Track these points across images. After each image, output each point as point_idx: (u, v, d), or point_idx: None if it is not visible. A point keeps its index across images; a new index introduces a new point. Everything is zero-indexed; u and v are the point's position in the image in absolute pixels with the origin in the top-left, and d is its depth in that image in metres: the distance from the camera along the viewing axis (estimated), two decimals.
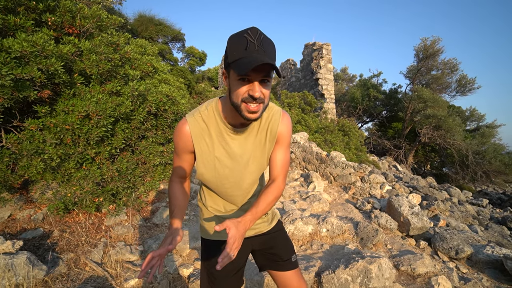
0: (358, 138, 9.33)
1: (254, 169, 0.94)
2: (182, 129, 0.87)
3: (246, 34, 0.71)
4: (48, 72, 2.08)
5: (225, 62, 0.77)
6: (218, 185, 0.93)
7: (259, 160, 0.94)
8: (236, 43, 0.72)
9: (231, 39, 0.74)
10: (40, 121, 2.15)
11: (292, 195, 3.77)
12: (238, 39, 0.72)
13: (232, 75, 0.75)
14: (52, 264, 1.76)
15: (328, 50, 11.45)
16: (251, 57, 0.70)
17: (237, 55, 0.72)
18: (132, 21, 12.95)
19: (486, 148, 11.05)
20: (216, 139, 0.87)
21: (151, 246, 2.22)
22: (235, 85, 0.74)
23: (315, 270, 1.95)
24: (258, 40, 0.71)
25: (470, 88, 14.06)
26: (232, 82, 0.76)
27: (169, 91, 3.03)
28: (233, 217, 0.97)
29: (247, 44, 0.71)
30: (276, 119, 0.92)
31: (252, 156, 0.92)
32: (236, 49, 0.72)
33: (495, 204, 9.18)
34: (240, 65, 0.70)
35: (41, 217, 2.23)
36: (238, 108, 0.76)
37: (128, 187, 2.60)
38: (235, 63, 0.72)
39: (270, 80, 0.76)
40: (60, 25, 2.51)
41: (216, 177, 0.91)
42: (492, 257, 2.41)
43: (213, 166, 0.89)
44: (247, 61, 0.69)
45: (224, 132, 0.87)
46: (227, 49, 0.75)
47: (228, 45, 0.74)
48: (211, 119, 0.87)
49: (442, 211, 4.33)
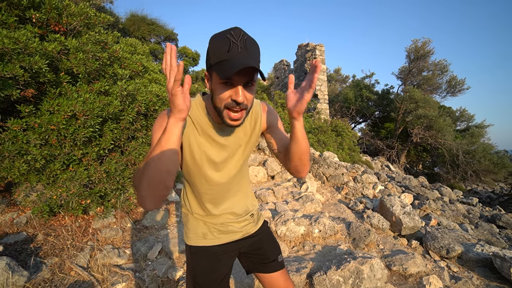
0: (351, 139, 9.39)
1: (238, 160, 0.91)
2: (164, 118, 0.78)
3: (229, 34, 0.68)
4: (32, 71, 2.01)
5: (207, 64, 0.74)
6: (203, 181, 0.89)
7: (243, 152, 0.92)
8: (218, 44, 0.69)
9: (213, 39, 0.70)
10: (24, 121, 2.08)
11: (285, 195, 3.75)
12: (220, 40, 0.69)
13: (215, 78, 0.71)
14: (34, 270, 1.69)
15: (321, 51, 11.52)
16: (235, 59, 0.67)
17: (219, 57, 0.69)
18: (124, 21, 12.78)
19: (476, 148, 11.26)
20: (201, 131, 0.84)
21: (139, 249, 2.17)
22: (218, 88, 0.71)
23: (307, 271, 1.93)
24: (242, 41, 0.68)
25: (460, 89, 14.34)
26: (214, 85, 0.72)
27: (159, 91, 2.98)
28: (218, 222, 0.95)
29: (230, 46, 0.67)
30: (258, 112, 0.92)
31: (236, 149, 0.90)
32: (218, 51, 0.69)
33: (485, 203, 9.37)
34: (223, 68, 0.67)
35: (24, 220, 2.15)
36: (221, 113, 0.74)
37: (116, 188, 2.53)
38: (218, 66, 0.69)
39: (255, 84, 0.74)
40: (46, 22, 2.44)
41: (201, 171, 0.87)
42: (482, 256, 2.44)
43: (199, 158, 0.85)
44: (230, 64, 0.66)
45: (208, 126, 0.84)
46: (209, 50, 0.71)
47: (210, 46, 0.71)
48: (196, 113, 0.83)
49: (434, 210, 4.37)
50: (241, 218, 1.00)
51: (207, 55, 0.73)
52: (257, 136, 0.93)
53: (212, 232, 0.95)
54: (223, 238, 0.97)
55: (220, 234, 0.96)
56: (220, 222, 0.96)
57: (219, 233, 0.96)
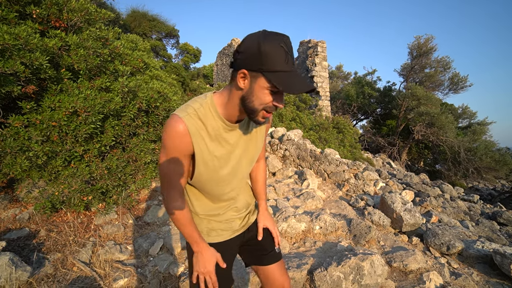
0: (352, 136, 9.37)
1: (247, 163, 0.94)
2: (177, 128, 0.77)
3: (282, 44, 0.69)
4: (33, 67, 2.00)
5: (253, 64, 0.70)
6: (214, 184, 0.90)
7: (252, 154, 0.94)
8: (273, 50, 0.68)
9: (268, 41, 0.68)
10: (25, 118, 2.08)
11: (286, 192, 3.75)
12: (275, 47, 0.68)
13: (262, 82, 0.71)
14: (37, 265, 1.71)
15: (323, 47, 11.44)
16: (293, 75, 0.70)
17: (278, 66, 0.69)
18: (125, 17, 12.72)
19: (478, 145, 11.22)
20: (214, 136, 0.84)
21: (141, 245, 2.18)
22: (261, 92, 0.72)
23: (308, 267, 1.94)
24: (291, 52, 0.71)
25: (462, 86, 14.24)
26: (257, 88, 0.72)
27: (160, 87, 2.97)
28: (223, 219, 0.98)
29: (285, 57, 0.69)
30: None
31: (245, 150, 0.92)
32: (276, 58, 0.69)
33: (486, 200, 9.35)
34: (286, 83, 0.69)
35: (27, 216, 2.16)
36: (255, 112, 0.76)
37: (118, 185, 2.54)
38: (274, 74, 0.69)
39: None
40: (46, 18, 2.42)
41: (214, 176, 0.88)
42: (482, 252, 2.44)
43: (212, 165, 0.85)
44: (294, 81, 0.70)
45: (221, 129, 0.84)
46: (263, 52, 0.68)
47: (264, 47, 0.68)
48: (208, 116, 0.82)
49: (435, 207, 4.37)
50: (242, 214, 1.03)
51: (254, 55, 0.69)
52: (263, 135, 0.97)
53: (216, 230, 0.97)
54: (226, 235, 0.99)
55: (223, 231, 0.98)
56: (224, 219, 0.98)
57: (222, 230, 0.98)
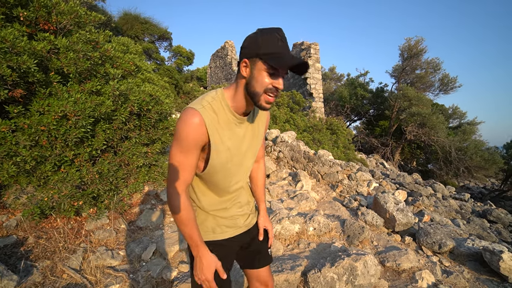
0: (346, 137, 9.45)
1: (251, 155, 0.99)
2: (194, 120, 0.81)
3: (275, 33, 0.78)
4: (20, 70, 1.97)
5: (252, 52, 0.79)
6: (222, 176, 0.93)
7: (255, 147, 1.00)
8: (269, 37, 0.77)
9: (262, 33, 0.79)
10: (13, 122, 2.03)
11: (280, 194, 3.76)
12: (270, 35, 0.78)
13: (260, 65, 0.78)
14: (25, 273, 1.66)
15: (316, 49, 11.54)
16: (287, 55, 0.77)
17: (271, 49, 0.77)
18: (117, 19, 12.61)
19: (468, 145, 11.45)
20: (227, 128, 0.88)
21: (134, 250, 2.15)
22: (261, 75, 0.79)
23: (301, 269, 1.94)
24: (284, 39, 0.79)
25: (452, 87, 14.56)
26: (258, 72, 0.79)
27: (152, 90, 2.94)
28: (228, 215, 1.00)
29: (280, 42, 0.77)
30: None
31: (250, 143, 0.97)
32: (270, 43, 0.77)
33: (476, 198, 9.54)
34: (278, 59, 0.76)
35: (14, 223, 2.11)
36: (258, 96, 0.81)
37: (110, 189, 2.50)
38: (270, 56, 0.76)
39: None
40: (34, 21, 2.39)
41: (224, 166, 0.91)
42: (472, 250, 2.48)
43: (224, 156, 0.89)
44: (285, 57, 0.76)
45: (232, 121, 0.89)
46: (259, 40, 0.78)
47: (260, 37, 0.78)
48: (220, 110, 0.87)
49: (427, 206, 4.44)
50: (244, 211, 1.05)
51: (252, 45, 0.79)
52: (264, 130, 1.03)
53: (220, 226, 0.99)
54: (230, 232, 1.01)
55: (228, 228, 1.00)
56: (230, 215, 1.00)
57: (227, 226, 1.00)
